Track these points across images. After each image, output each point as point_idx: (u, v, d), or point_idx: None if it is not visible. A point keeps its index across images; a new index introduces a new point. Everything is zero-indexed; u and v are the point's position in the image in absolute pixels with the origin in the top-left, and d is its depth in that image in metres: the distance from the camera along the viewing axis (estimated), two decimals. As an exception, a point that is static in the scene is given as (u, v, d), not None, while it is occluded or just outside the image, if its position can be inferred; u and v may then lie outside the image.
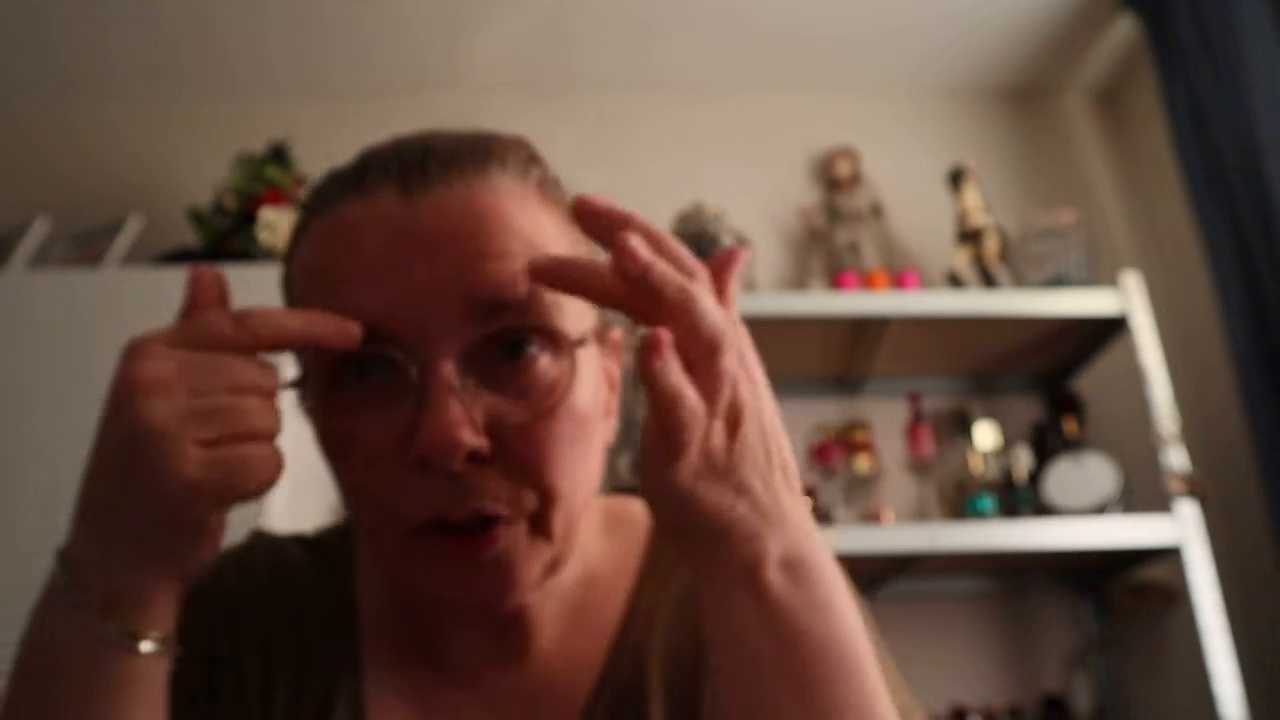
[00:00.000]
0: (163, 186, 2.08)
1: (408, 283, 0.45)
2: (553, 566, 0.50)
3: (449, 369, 0.44)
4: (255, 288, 1.85)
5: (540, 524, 0.48)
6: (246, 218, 1.69)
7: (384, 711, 0.56)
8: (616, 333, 0.56)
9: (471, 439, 0.44)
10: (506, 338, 0.46)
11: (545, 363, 0.47)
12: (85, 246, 1.82)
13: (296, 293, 0.51)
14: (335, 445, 0.48)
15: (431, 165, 0.48)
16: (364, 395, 0.46)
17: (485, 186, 0.48)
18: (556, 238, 0.50)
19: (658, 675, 0.56)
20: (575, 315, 0.49)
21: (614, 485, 1.57)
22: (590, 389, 0.49)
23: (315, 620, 0.58)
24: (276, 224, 1.65)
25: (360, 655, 0.57)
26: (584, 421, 0.48)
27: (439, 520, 0.46)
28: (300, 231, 0.52)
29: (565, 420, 0.47)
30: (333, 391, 0.48)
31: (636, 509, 0.64)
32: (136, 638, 0.42)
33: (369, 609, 0.59)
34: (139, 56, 2.10)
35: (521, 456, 0.46)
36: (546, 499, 0.47)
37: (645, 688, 0.55)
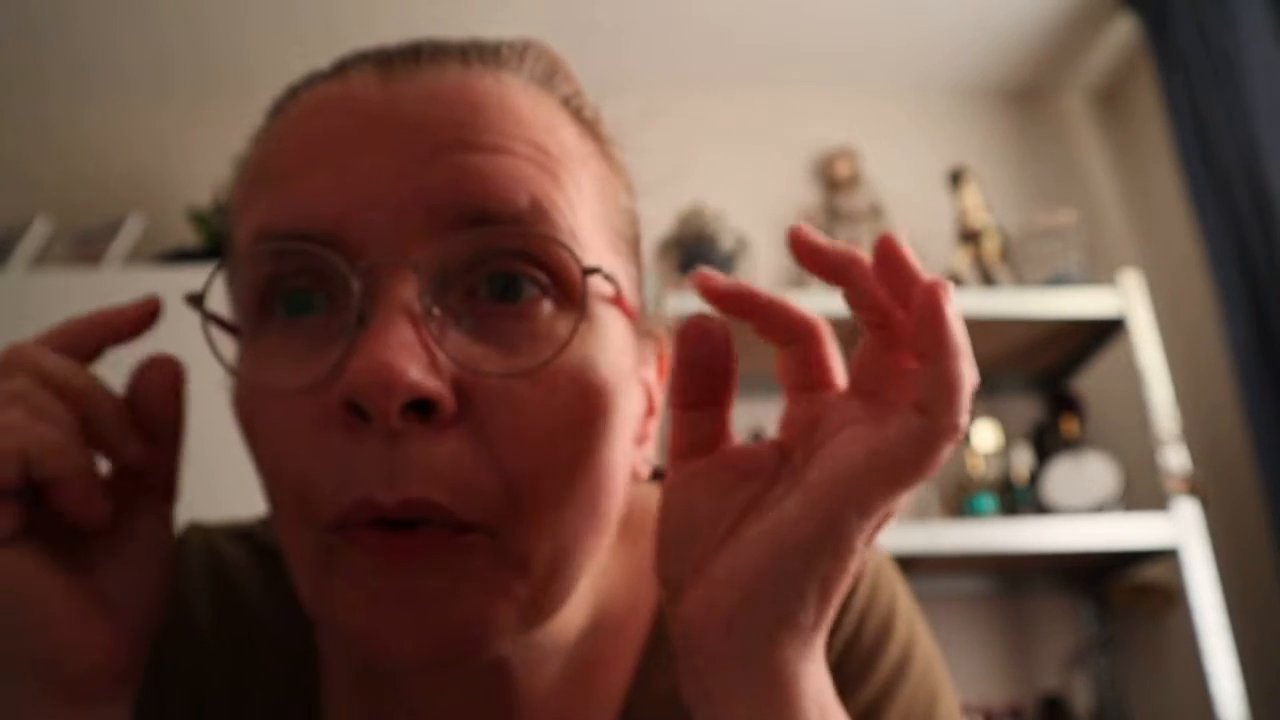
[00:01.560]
0: (163, 186, 2.08)
1: (365, 169, 0.33)
2: (531, 613, 0.35)
3: (409, 286, 0.31)
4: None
5: (511, 543, 0.33)
6: (246, 218, 1.69)
7: None
8: (662, 333, 0.42)
9: (421, 377, 0.30)
10: (495, 266, 0.33)
11: (548, 311, 0.34)
12: (85, 246, 1.82)
13: (231, 210, 0.39)
14: (244, 411, 0.35)
15: (424, 51, 0.38)
16: (291, 337, 0.34)
17: (489, 76, 0.37)
18: (584, 161, 0.37)
19: None
20: (598, 259, 0.36)
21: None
22: (611, 363, 0.35)
23: (266, 668, 0.44)
24: (276, 224, 1.66)
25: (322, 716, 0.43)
26: (595, 400, 0.34)
27: (363, 507, 0.31)
28: (256, 137, 0.40)
29: (567, 390, 0.33)
30: (252, 337, 0.35)
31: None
32: None
33: (330, 649, 0.44)
34: (139, 55, 2.10)
35: (495, 424, 0.32)
36: (523, 501, 0.33)
37: None
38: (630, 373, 0.38)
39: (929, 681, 0.47)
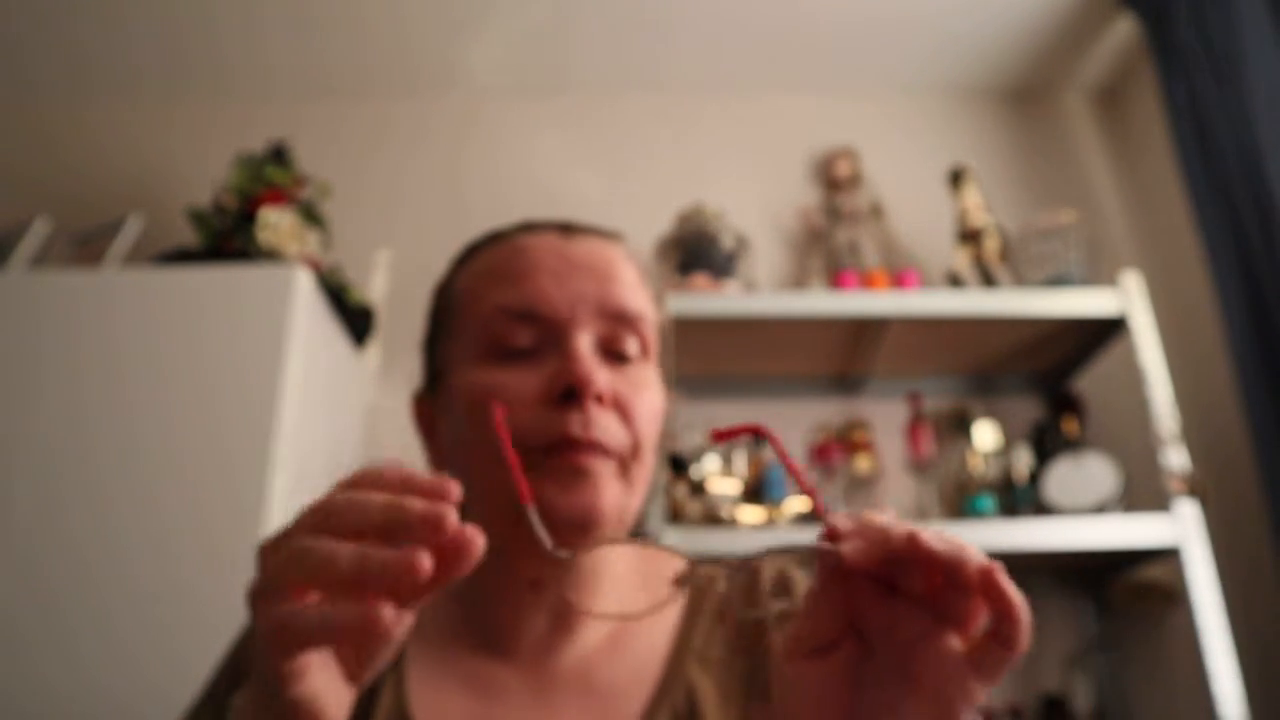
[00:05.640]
0: (163, 186, 2.08)
1: (564, 285, 0.63)
2: (625, 513, 0.62)
3: (586, 341, 0.62)
4: (254, 287, 1.85)
5: (629, 468, 0.62)
6: (246, 218, 1.69)
7: (432, 690, 0.62)
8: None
9: (602, 381, 0.60)
10: (618, 344, 0.64)
11: (639, 362, 0.65)
12: (85, 246, 1.82)
13: (458, 296, 0.68)
14: (480, 392, 0.62)
15: (578, 226, 0.69)
16: (510, 362, 0.63)
17: (620, 250, 0.68)
18: (648, 293, 0.68)
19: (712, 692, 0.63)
20: (653, 340, 0.66)
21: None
22: (658, 403, 0.65)
23: None
24: (276, 224, 1.65)
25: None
26: (654, 417, 0.64)
27: (567, 439, 0.59)
28: (465, 258, 0.70)
29: (649, 402, 0.64)
30: (482, 362, 0.63)
31: (667, 562, 0.65)
32: None
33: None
34: (139, 56, 2.10)
35: (626, 411, 0.62)
36: (634, 449, 0.62)
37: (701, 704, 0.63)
38: None
39: None
